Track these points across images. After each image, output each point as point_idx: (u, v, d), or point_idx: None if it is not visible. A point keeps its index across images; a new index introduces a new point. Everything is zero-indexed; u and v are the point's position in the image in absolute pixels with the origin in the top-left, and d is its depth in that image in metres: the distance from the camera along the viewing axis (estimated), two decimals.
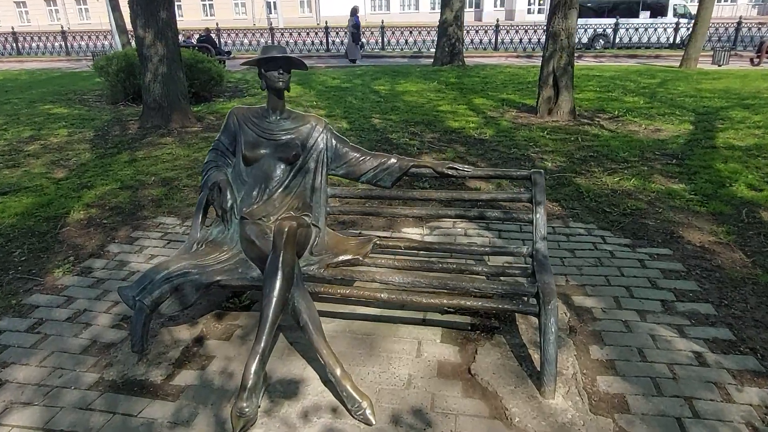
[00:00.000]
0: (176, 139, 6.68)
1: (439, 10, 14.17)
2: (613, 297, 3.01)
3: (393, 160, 2.89)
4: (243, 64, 2.80)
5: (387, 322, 2.79)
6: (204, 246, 2.78)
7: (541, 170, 2.81)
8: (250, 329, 2.76)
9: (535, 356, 2.52)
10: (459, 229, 3.84)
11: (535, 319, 2.75)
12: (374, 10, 39.89)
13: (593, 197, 4.46)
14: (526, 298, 2.74)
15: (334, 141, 2.90)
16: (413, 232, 3.76)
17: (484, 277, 3.09)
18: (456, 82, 11.22)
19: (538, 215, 2.71)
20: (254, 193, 2.77)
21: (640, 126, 7.07)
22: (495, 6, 39.93)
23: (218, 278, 2.53)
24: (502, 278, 3.07)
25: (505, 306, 2.36)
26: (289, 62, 2.73)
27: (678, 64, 14.12)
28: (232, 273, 2.56)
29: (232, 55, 16.79)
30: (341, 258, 2.68)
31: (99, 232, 3.93)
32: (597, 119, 7.56)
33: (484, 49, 19.63)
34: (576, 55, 17.68)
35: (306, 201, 2.81)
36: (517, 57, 18.09)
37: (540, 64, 7.80)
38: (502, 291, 2.44)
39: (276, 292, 2.20)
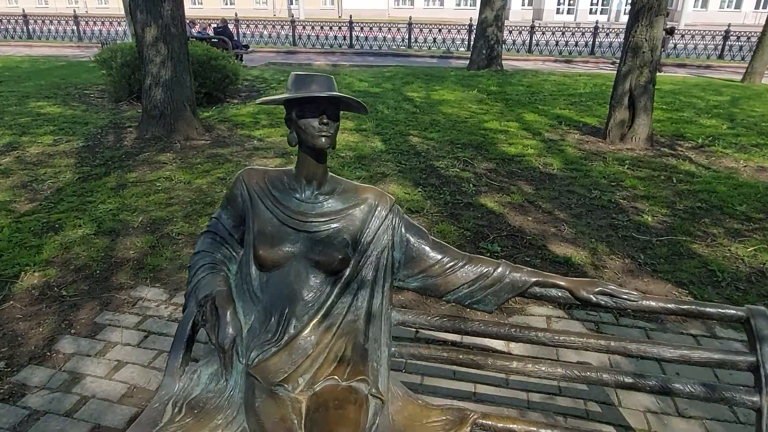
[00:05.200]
0: (177, 156, 5.56)
1: (465, 7, 12.87)
2: None
3: (502, 270, 1.71)
4: (262, 102, 1.64)
5: None
6: (183, 411, 1.64)
7: (766, 309, 1.63)
8: None
9: None
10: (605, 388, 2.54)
11: None
12: (398, 5, 38.49)
13: (731, 280, 3.26)
14: None
15: (406, 233, 1.73)
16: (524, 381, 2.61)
17: None
18: (498, 91, 9.99)
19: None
20: (271, 321, 1.62)
21: (737, 162, 5.81)
22: (522, 5, 38.27)
23: None
24: None
25: None
26: (338, 104, 1.59)
27: (738, 77, 12.78)
28: None
29: (250, 49, 15.67)
30: None
31: (53, 312, 2.82)
32: (678, 148, 6.32)
33: (517, 51, 18.32)
34: (610, 61, 16.40)
35: (359, 344, 1.66)
36: (555, 61, 16.77)
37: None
38: None
39: None
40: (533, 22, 19.35)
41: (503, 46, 13.75)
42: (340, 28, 20.30)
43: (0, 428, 2.08)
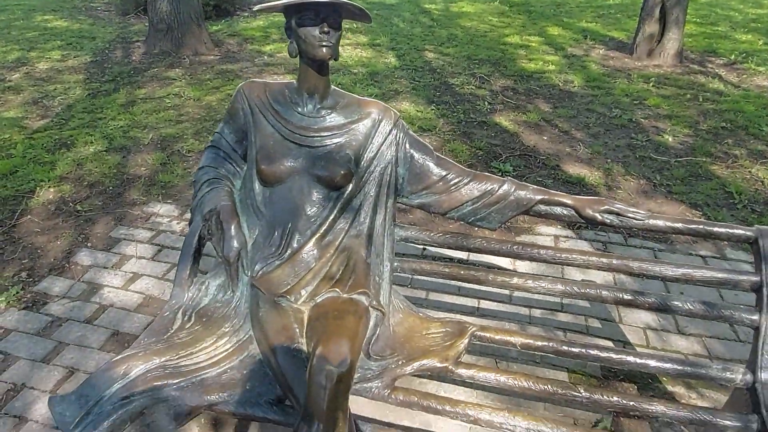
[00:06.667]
0: (186, 72, 5.45)
1: None
2: None
3: (507, 188, 1.69)
4: (259, 9, 1.56)
5: None
6: (193, 319, 1.71)
7: None
8: None
9: None
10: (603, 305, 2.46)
11: None
12: None
13: (748, 202, 3.19)
14: None
15: (410, 149, 1.70)
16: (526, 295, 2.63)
17: (669, 415, 1.53)
18: (521, 2, 9.42)
19: None
20: (275, 236, 1.65)
21: None
22: None
23: (211, 398, 1.49)
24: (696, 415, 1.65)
25: None
26: (340, 11, 1.51)
27: None
28: (234, 389, 1.52)
29: None
30: (418, 364, 1.60)
31: (69, 226, 2.90)
32: (709, 65, 5.98)
33: None
34: None
35: (361, 258, 1.68)
36: None
37: None
38: None
39: None
40: None
41: None
42: None
43: (26, 333, 2.20)
